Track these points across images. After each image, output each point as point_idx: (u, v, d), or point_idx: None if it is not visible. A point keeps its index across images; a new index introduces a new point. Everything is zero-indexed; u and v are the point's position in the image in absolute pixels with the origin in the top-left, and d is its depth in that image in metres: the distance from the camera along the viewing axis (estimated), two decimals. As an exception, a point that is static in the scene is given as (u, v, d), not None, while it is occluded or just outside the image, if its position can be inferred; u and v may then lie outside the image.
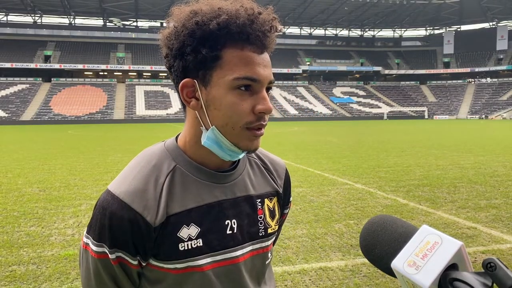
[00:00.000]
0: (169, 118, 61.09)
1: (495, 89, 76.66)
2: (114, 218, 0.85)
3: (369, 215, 6.08)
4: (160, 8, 74.62)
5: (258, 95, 0.87)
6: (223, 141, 0.89)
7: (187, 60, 0.87)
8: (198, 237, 0.90)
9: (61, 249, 4.74)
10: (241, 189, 0.98)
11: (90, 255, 0.89)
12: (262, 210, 1.01)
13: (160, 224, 0.87)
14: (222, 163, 0.96)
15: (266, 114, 0.88)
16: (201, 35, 0.85)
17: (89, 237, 0.90)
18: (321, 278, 3.88)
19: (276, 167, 1.10)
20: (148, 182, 0.89)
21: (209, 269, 0.91)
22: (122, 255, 0.87)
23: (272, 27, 0.88)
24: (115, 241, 0.86)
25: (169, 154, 0.95)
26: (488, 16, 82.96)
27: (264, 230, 1.00)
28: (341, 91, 77.93)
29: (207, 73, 0.87)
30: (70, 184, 8.78)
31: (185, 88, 0.90)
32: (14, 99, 62.32)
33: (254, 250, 0.98)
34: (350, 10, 78.02)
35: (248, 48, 0.86)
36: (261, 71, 0.87)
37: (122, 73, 75.79)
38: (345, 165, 11.51)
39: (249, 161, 1.05)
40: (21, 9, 73.48)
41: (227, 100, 0.86)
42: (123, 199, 0.86)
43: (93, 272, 0.90)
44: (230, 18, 0.84)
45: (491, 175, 9.49)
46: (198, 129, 0.92)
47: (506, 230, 5.34)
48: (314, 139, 22.05)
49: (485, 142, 18.81)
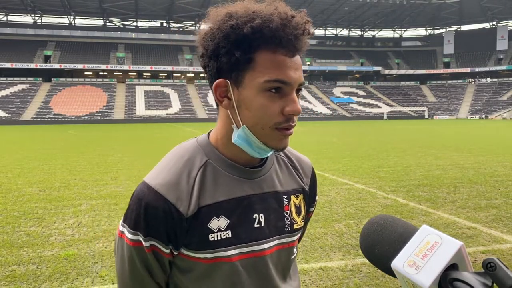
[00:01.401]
0: (169, 118, 61.06)
1: (495, 89, 76.63)
2: (149, 208, 0.90)
3: (369, 215, 6.08)
4: (160, 8, 74.67)
5: (287, 97, 0.90)
6: (253, 140, 0.93)
7: (221, 61, 0.90)
8: (227, 228, 0.94)
9: (61, 249, 4.74)
10: (268, 185, 1.02)
11: (126, 243, 0.93)
12: (288, 206, 1.04)
13: (192, 215, 0.91)
14: (251, 160, 1.00)
15: (295, 115, 0.92)
16: (235, 39, 0.88)
17: (125, 225, 0.94)
18: (321, 278, 3.88)
19: (303, 166, 1.13)
20: (181, 175, 0.94)
21: (237, 260, 0.94)
22: (155, 243, 0.91)
23: (304, 30, 0.91)
24: (149, 230, 0.90)
25: (201, 149, 0.99)
26: (488, 16, 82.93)
27: (290, 226, 1.03)
28: (341, 91, 77.91)
29: (240, 75, 0.90)
30: (70, 184, 8.78)
31: (218, 88, 0.94)
32: (14, 99, 62.30)
33: (280, 244, 1.01)
34: (350, 10, 77.97)
35: (280, 51, 0.89)
36: (292, 74, 0.89)
37: (122, 73, 75.73)
38: (345, 165, 11.51)
39: (277, 159, 1.09)
40: (21, 9, 73.44)
41: (257, 102, 0.90)
42: (158, 190, 0.91)
43: (128, 260, 0.94)
44: (264, 22, 0.87)
45: (491, 175, 9.49)
46: (230, 127, 0.96)
47: (506, 230, 5.35)
48: (314, 139, 22.04)
49: (485, 142, 18.81)
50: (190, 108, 65.41)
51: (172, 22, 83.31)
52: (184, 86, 72.83)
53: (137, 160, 12.85)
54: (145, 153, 14.96)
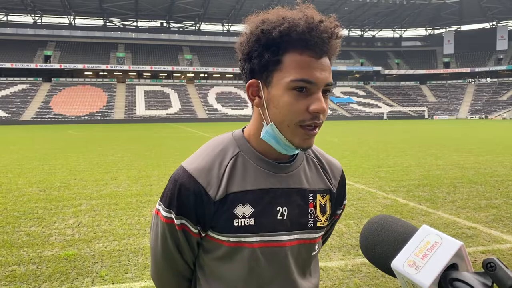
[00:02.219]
0: (169, 118, 61.06)
1: (495, 89, 76.63)
2: (183, 188, 1.00)
3: (369, 215, 6.08)
4: (160, 8, 74.64)
5: (313, 96, 0.95)
6: (280, 137, 0.99)
7: (254, 63, 0.98)
8: (251, 216, 1.01)
9: (61, 249, 4.74)
10: (295, 182, 1.07)
11: (160, 219, 1.04)
12: (313, 204, 1.09)
13: (219, 200, 1.00)
14: (280, 156, 1.06)
15: (320, 113, 0.96)
16: (265, 42, 0.95)
17: (161, 204, 1.05)
18: (321, 278, 3.88)
19: (332, 168, 1.18)
20: (214, 163, 1.02)
21: (257, 247, 1.01)
22: (185, 222, 1.01)
23: (332, 34, 0.96)
24: (181, 208, 1.00)
25: (235, 142, 1.07)
26: (488, 16, 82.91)
27: (313, 223, 1.08)
28: (341, 91, 77.91)
29: (269, 75, 0.97)
30: (70, 184, 8.78)
31: (250, 87, 1.01)
32: (14, 99, 62.29)
33: (301, 239, 1.07)
34: (350, 10, 77.94)
35: (307, 53, 0.94)
36: (317, 74, 0.94)
37: (122, 73, 75.72)
38: (345, 165, 11.51)
39: (307, 158, 1.14)
40: (21, 9, 73.42)
41: (284, 100, 0.95)
42: (192, 174, 1.00)
43: (161, 234, 1.05)
44: (291, 26, 0.93)
45: (491, 175, 9.49)
46: (260, 124, 1.03)
47: (506, 230, 5.34)
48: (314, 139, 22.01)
49: (485, 142, 18.81)
50: (190, 108, 65.40)
51: (172, 22, 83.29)
52: (184, 86, 72.82)
53: (137, 160, 12.85)
54: (145, 153, 14.97)
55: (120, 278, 3.91)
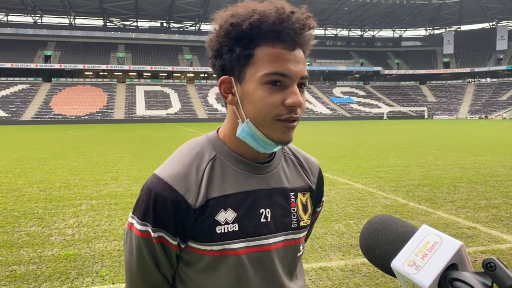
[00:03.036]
0: (169, 118, 61.05)
1: (495, 89, 76.63)
2: (159, 198, 0.92)
3: (369, 215, 6.08)
4: (160, 8, 74.61)
5: (288, 90, 0.91)
6: (257, 133, 0.94)
7: (225, 59, 0.94)
8: (234, 222, 0.95)
9: (61, 249, 4.74)
10: (276, 181, 1.03)
11: (134, 233, 0.95)
12: (295, 203, 1.05)
13: (200, 207, 0.93)
14: (258, 155, 1.01)
15: (297, 107, 0.92)
16: (235, 35, 0.91)
17: (134, 217, 0.96)
18: (321, 278, 3.88)
19: (310, 165, 1.15)
20: (191, 168, 0.96)
21: (243, 254, 0.96)
22: (163, 234, 0.93)
23: (305, 25, 0.92)
24: (158, 220, 0.93)
25: (210, 144, 1.02)
26: (488, 16, 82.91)
27: (296, 222, 1.04)
28: (341, 91, 77.90)
29: (242, 70, 0.93)
30: (70, 184, 8.78)
31: (223, 84, 0.97)
32: (14, 99, 62.29)
33: (286, 241, 1.03)
34: (350, 10, 77.94)
35: (279, 45, 0.91)
36: (291, 67, 0.91)
37: (122, 73, 75.72)
38: (345, 165, 11.51)
39: (285, 157, 1.10)
40: (21, 9, 73.40)
41: (258, 94, 0.91)
42: (167, 181, 0.93)
43: (136, 250, 0.96)
44: (261, 18, 0.90)
45: (491, 175, 9.49)
46: (236, 122, 0.98)
47: (506, 230, 5.35)
48: (314, 139, 22.04)
49: (485, 142, 18.80)
50: (190, 108, 65.39)
51: (172, 22, 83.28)
52: (184, 86, 72.80)
53: (137, 160, 12.85)
54: (145, 153, 14.97)
55: (120, 278, 3.90)
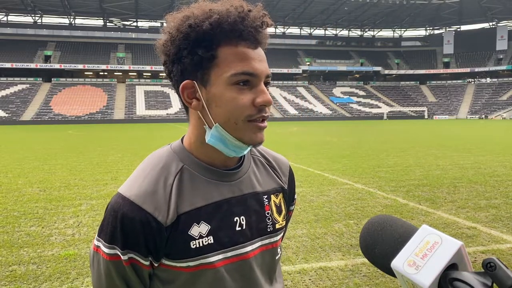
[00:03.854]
0: (169, 118, 61.07)
1: (495, 89, 76.61)
2: (126, 219, 0.87)
3: (369, 215, 6.08)
4: (160, 8, 74.53)
5: (256, 89, 0.89)
6: (227, 137, 0.91)
7: (185, 63, 0.89)
8: (209, 234, 0.92)
9: (61, 249, 4.74)
10: (247, 186, 1.00)
11: (102, 257, 0.90)
12: (269, 206, 1.03)
13: (171, 224, 0.89)
14: (227, 161, 0.98)
15: (266, 106, 0.90)
16: (195, 37, 0.87)
17: (100, 240, 0.91)
18: (321, 278, 3.88)
19: (280, 165, 1.12)
20: (157, 183, 0.91)
21: (221, 266, 0.92)
22: (134, 256, 0.88)
23: (263, 22, 0.90)
24: (127, 242, 0.88)
25: (176, 155, 0.96)
26: (488, 16, 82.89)
27: (272, 226, 1.02)
28: (341, 91, 77.88)
29: (205, 73, 0.89)
30: (70, 184, 8.78)
31: (185, 90, 0.92)
32: (14, 99, 62.28)
33: (263, 246, 1.00)
34: (350, 10, 77.92)
35: (242, 44, 0.88)
36: (257, 65, 0.89)
37: (122, 73, 75.71)
38: (345, 165, 11.51)
39: (254, 159, 1.07)
40: (21, 9, 73.38)
41: (226, 96, 0.88)
42: (134, 201, 0.88)
43: (105, 274, 0.91)
44: (222, 17, 0.87)
45: (491, 175, 9.49)
46: (202, 129, 0.94)
47: (506, 230, 5.35)
48: (314, 139, 22.04)
49: (485, 142, 18.80)
50: (190, 108, 65.37)
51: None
52: (184, 86, 72.75)
53: (137, 160, 12.84)
54: (145, 153, 14.90)
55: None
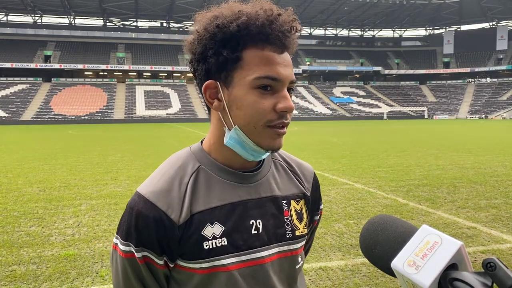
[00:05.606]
0: (169, 118, 61.04)
1: (495, 89, 76.60)
2: (140, 217, 0.88)
3: (369, 215, 6.08)
4: (160, 8, 74.60)
5: (279, 94, 0.88)
6: (246, 141, 0.90)
7: (210, 62, 0.89)
8: (223, 236, 0.90)
9: (61, 249, 4.74)
10: (266, 190, 0.98)
11: (119, 255, 0.91)
12: (288, 212, 1.00)
13: (184, 223, 0.89)
14: (246, 164, 0.96)
15: (288, 112, 0.89)
16: (222, 38, 0.87)
17: (118, 237, 0.92)
18: (321, 278, 3.88)
19: (303, 171, 1.09)
20: (173, 182, 0.92)
21: (235, 269, 0.90)
22: (148, 254, 0.89)
23: (292, 27, 0.89)
24: (141, 240, 0.88)
25: (194, 156, 0.97)
26: (488, 16, 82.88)
27: (291, 232, 0.99)
28: (341, 91, 77.87)
29: (229, 74, 0.89)
30: (70, 184, 8.78)
31: (208, 90, 0.92)
32: (14, 99, 62.26)
33: (282, 252, 0.97)
34: (350, 10, 77.90)
35: (268, 48, 0.88)
36: (282, 71, 0.88)
37: (122, 73, 75.68)
38: (345, 165, 11.51)
39: (275, 163, 1.05)
40: (21, 9, 73.35)
41: (248, 99, 0.88)
42: (148, 198, 0.89)
43: (121, 272, 0.92)
44: (250, 19, 0.86)
45: (491, 175, 9.49)
46: (222, 130, 0.94)
47: (506, 230, 5.35)
48: (314, 139, 22.04)
49: (485, 142, 18.80)
50: (190, 108, 65.38)
51: (172, 22, 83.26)
52: (184, 86, 72.78)
53: (137, 160, 12.85)
54: (145, 153, 14.97)
55: (120, 278, 3.90)
